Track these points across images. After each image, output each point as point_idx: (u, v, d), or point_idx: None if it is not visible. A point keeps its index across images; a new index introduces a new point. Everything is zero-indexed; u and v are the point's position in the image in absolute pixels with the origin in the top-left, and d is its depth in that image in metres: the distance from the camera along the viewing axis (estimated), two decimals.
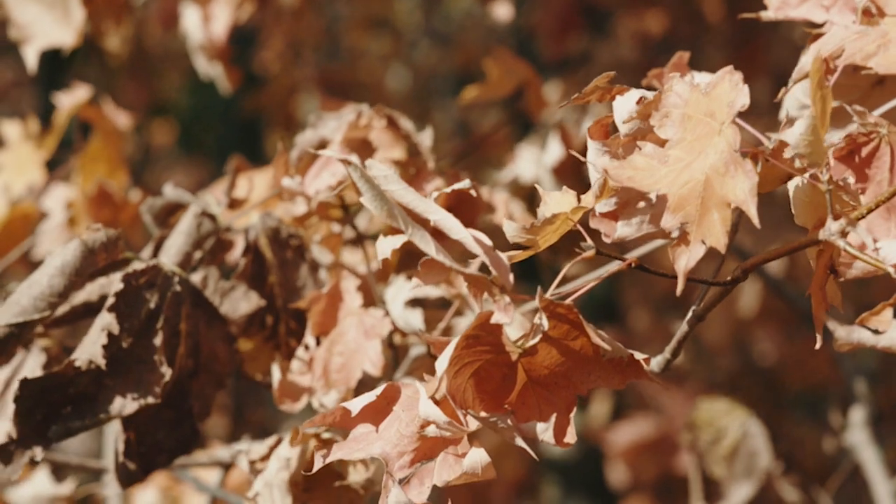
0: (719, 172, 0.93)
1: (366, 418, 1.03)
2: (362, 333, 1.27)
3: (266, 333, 1.32)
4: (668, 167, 0.97)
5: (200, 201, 1.33)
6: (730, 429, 1.99)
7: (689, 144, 0.97)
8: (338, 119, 1.34)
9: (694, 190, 0.94)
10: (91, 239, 1.19)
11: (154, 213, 1.35)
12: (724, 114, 0.96)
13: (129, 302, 1.19)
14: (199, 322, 1.24)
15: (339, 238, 1.39)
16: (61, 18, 1.71)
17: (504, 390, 1.00)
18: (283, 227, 1.32)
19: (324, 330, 1.29)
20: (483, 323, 0.97)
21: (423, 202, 1.00)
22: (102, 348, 1.16)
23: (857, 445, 1.98)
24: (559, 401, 1.00)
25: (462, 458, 1.00)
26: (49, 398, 1.16)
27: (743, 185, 0.91)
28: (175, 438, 1.25)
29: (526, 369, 1.00)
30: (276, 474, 1.22)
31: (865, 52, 1.04)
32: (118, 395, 1.17)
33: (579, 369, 1.00)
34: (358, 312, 1.28)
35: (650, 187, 0.97)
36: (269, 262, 1.31)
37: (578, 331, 0.98)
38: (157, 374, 1.18)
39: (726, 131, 0.95)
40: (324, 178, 1.31)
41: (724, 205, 0.92)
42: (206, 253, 1.30)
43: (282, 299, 1.32)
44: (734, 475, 1.98)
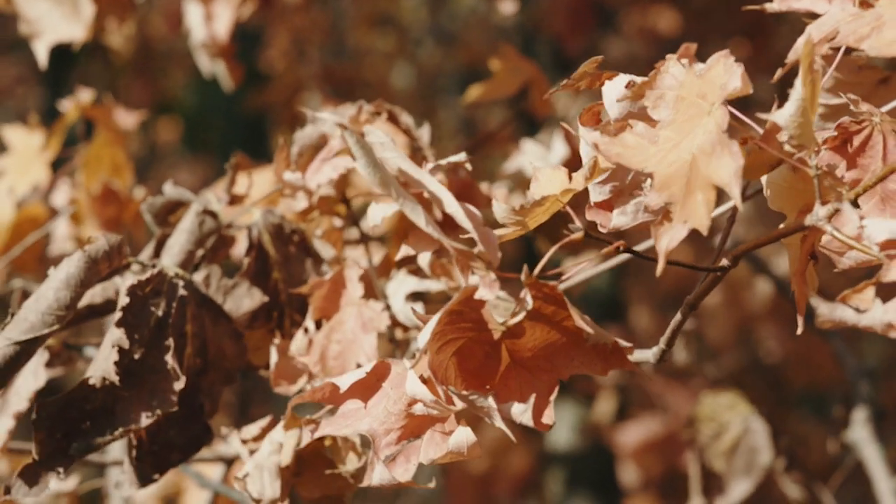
0: (706, 153, 0.92)
1: (354, 395, 1.03)
2: (360, 325, 1.28)
3: (271, 326, 1.33)
4: (657, 147, 0.96)
5: (201, 199, 1.34)
6: (731, 424, 1.99)
7: (679, 125, 0.97)
8: (338, 115, 1.35)
9: (680, 170, 0.94)
10: (93, 249, 1.19)
11: (154, 212, 1.35)
12: (716, 95, 0.95)
13: (136, 314, 1.20)
14: (205, 321, 1.24)
15: (340, 232, 1.39)
16: (71, 14, 1.71)
17: (486, 369, 1.00)
18: (285, 222, 1.33)
19: (325, 314, 1.29)
20: (467, 298, 0.97)
21: (418, 172, 1.00)
22: (115, 364, 1.17)
23: (859, 443, 1.99)
24: (540, 383, 1.00)
25: (448, 437, 1.00)
26: (67, 416, 1.17)
27: (728, 166, 0.91)
28: (187, 436, 1.25)
29: (509, 350, 1.00)
30: (268, 457, 1.22)
31: (859, 34, 1.04)
32: (135, 406, 1.18)
33: (562, 353, 1.00)
34: (358, 303, 1.28)
35: (639, 165, 0.96)
36: (272, 259, 1.32)
37: (563, 313, 0.98)
38: (170, 382, 1.19)
39: (715, 112, 0.94)
40: (325, 172, 1.32)
41: (709, 186, 0.91)
42: (209, 251, 1.31)
43: (286, 294, 1.32)
44: (734, 471, 1.99)
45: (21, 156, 1.77)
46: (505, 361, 1.00)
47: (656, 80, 1.00)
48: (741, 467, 1.99)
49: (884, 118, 1.03)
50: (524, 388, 1.00)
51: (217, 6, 1.94)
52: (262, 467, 1.23)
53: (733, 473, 2.00)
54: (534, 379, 1.00)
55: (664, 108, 0.99)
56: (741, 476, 1.99)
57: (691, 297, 1.06)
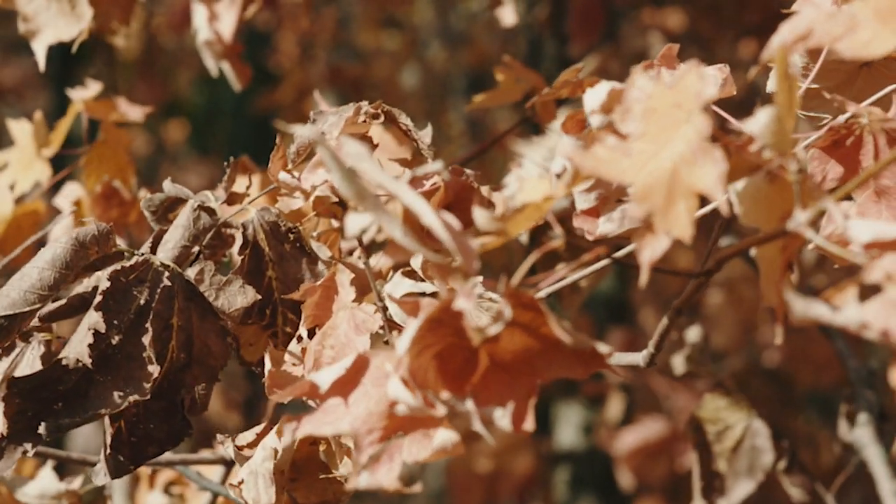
0: (687, 161, 0.92)
1: (335, 392, 1.02)
2: (353, 328, 1.27)
3: (264, 323, 1.33)
4: (632, 159, 0.95)
5: (198, 196, 1.34)
6: (733, 425, 1.99)
7: (653, 136, 0.96)
8: (336, 114, 1.35)
9: (660, 179, 0.93)
10: (82, 233, 1.20)
11: (153, 209, 1.35)
12: (692, 103, 0.95)
13: (117, 299, 1.20)
14: (192, 316, 1.25)
15: (337, 232, 1.39)
16: (69, 12, 1.71)
17: (466, 374, 1.00)
18: (281, 221, 1.33)
19: (317, 322, 1.29)
20: (446, 307, 0.97)
21: (393, 183, 1.00)
22: (88, 347, 1.17)
23: (862, 444, 1.98)
24: (520, 387, 1.00)
25: (432, 436, 1.00)
26: (40, 395, 1.17)
27: (711, 173, 0.90)
28: (166, 430, 1.25)
29: (489, 354, 1.00)
30: (262, 464, 1.23)
31: (833, 34, 1.02)
32: (108, 391, 1.18)
33: (542, 357, 1.00)
34: (350, 307, 1.28)
35: (615, 177, 0.96)
36: (267, 256, 1.32)
37: (542, 320, 0.98)
38: (146, 371, 1.19)
39: (695, 119, 0.94)
40: (320, 173, 1.32)
41: (691, 194, 0.91)
42: (205, 247, 1.31)
43: (279, 293, 1.33)
44: (736, 472, 1.98)
45: (24, 151, 1.78)
46: (484, 366, 1.00)
47: (622, 94, 0.99)
48: (743, 468, 1.99)
49: (872, 118, 1.02)
50: (504, 391, 0.99)
51: (220, 6, 1.94)
52: (256, 474, 1.24)
53: (735, 474, 1.99)
54: (514, 383, 1.00)
55: (632, 121, 0.98)
56: (743, 477, 1.99)
57: (677, 301, 1.06)
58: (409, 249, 0.98)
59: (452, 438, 0.99)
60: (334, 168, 0.96)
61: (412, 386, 0.97)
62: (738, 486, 2.00)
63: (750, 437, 1.99)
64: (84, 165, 1.79)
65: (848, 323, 0.88)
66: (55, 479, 1.73)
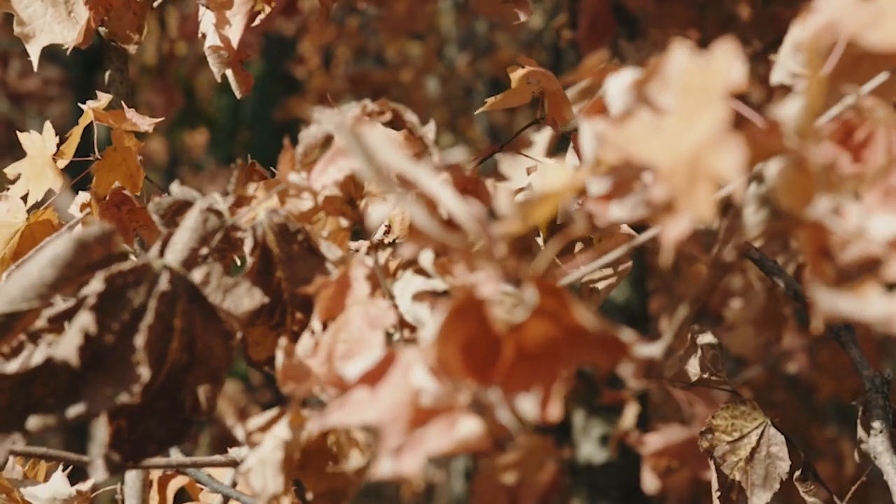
0: (708, 145, 0.92)
1: (362, 383, 1.02)
2: (367, 323, 1.27)
3: (273, 323, 1.33)
4: (661, 136, 0.95)
5: (207, 198, 1.34)
6: (748, 434, 1.98)
7: (683, 115, 0.96)
8: (342, 114, 1.35)
9: (683, 162, 0.93)
10: (85, 232, 1.20)
11: (162, 213, 1.35)
12: (718, 87, 0.94)
13: (112, 300, 1.20)
14: (195, 318, 1.25)
15: (346, 233, 1.39)
16: (65, 17, 1.72)
17: (491, 363, 0.99)
18: (290, 222, 1.33)
19: (331, 315, 1.29)
20: (470, 296, 0.97)
21: (416, 169, 1.00)
22: (77, 348, 1.17)
23: (877, 453, 1.97)
24: (545, 375, 0.99)
25: (456, 426, 1.00)
26: (31, 390, 1.17)
27: (730, 159, 0.90)
28: (166, 429, 1.25)
29: (514, 344, 0.99)
30: (271, 452, 1.22)
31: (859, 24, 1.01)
32: (99, 391, 1.18)
33: (566, 345, 0.99)
34: (364, 302, 1.28)
35: (643, 155, 0.95)
36: (276, 258, 1.32)
37: (566, 307, 0.97)
38: (137, 373, 1.19)
39: (718, 104, 0.93)
40: (329, 173, 1.32)
41: (712, 178, 0.91)
42: (215, 250, 1.31)
43: (289, 293, 1.33)
44: (752, 480, 1.98)
45: (36, 161, 1.78)
46: (510, 356, 0.99)
47: (663, 64, 0.99)
48: (760, 477, 1.98)
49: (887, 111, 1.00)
50: (529, 380, 0.99)
51: (229, 12, 1.94)
52: (264, 462, 1.24)
53: (752, 483, 1.99)
54: (538, 371, 0.99)
55: (669, 95, 0.98)
56: (760, 486, 1.98)
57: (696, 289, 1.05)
58: (432, 234, 0.98)
59: (477, 429, 0.99)
60: (357, 153, 0.96)
61: (438, 376, 0.97)
62: (755, 496, 1.99)
63: (765, 444, 1.99)
64: (94, 173, 1.79)
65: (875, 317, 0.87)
66: (66, 482, 1.74)
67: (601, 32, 3.42)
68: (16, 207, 1.78)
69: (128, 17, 1.88)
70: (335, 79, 4.94)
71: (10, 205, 1.78)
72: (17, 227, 1.78)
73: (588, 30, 3.41)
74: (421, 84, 5.22)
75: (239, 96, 2.04)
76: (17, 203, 1.78)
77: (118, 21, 1.87)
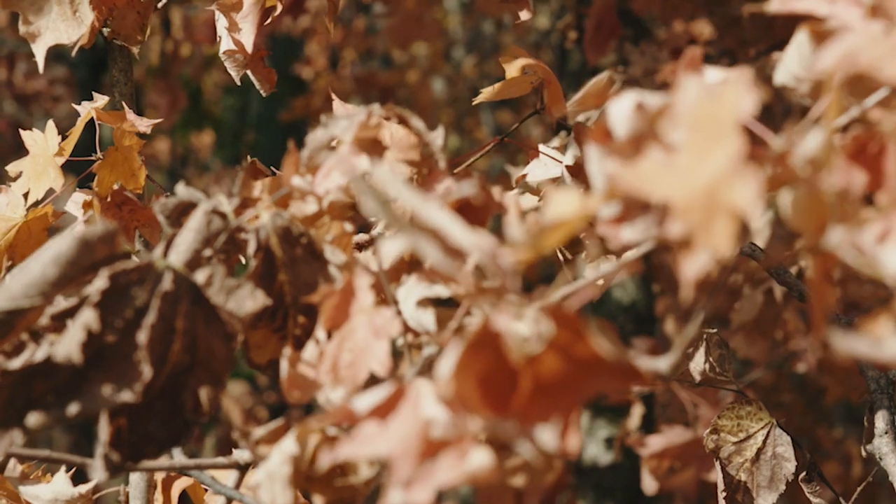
0: (724, 178, 0.91)
1: (372, 417, 1.03)
2: (372, 333, 1.27)
3: (275, 326, 1.33)
4: (675, 173, 0.95)
5: (211, 200, 1.34)
6: (754, 434, 1.98)
7: (695, 149, 0.95)
8: (348, 118, 1.35)
9: (699, 196, 0.92)
10: (88, 232, 1.19)
11: (167, 213, 1.35)
12: (730, 119, 0.94)
13: (115, 298, 1.20)
14: (198, 320, 1.24)
15: (350, 237, 1.39)
16: (70, 16, 1.72)
17: (508, 395, 0.99)
18: (293, 225, 1.33)
19: (335, 324, 1.29)
20: (486, 329, 0.96)
21: (425, 205, 0.99)
22: (80, 344, 1.17)
23: (882, 454, 1.97)
24: (564, 405, 0.98)
25: (466, 458, 0.99)
26: (32, 387, 1.17)
27: (747, 190, 0.90)
28: (167, 430, 1.25)
29: (531, 375, 0.99)
30: (280, 467, 1.22)
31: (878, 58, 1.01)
32: (100, 389, 1.18)
33: (584, 374, 0.99)
34: (369, 311, 1.28)
35: (657, 194, 0.95)
36: (279, 260, 1.32)
37: (583, 337, 0.97)
38: (139, 372, 1.19)
39: (731, 137, 0.93)
40: (334, 177, 1.32)
41: (730, 211, 0.90)
42: (217, 251, 1.31)
43: (291, 297, 1.32)
44: (758, 481, 1.97)
45: (38, 160, 1.78)
46: (527, 386, 0.98)
47: (673, 100, 0.99)
48: (765, 478, 1.98)
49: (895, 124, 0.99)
50: (548, 411, 0.98)
51: (239, 15, 1.94)
52: (273, 476, 1.23)
53: (757, 484, 1.98)
54: (557, 402, 0.98)
55: (679, 130, 0.97)
56: (765, 488, 1.98)
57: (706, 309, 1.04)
58: (448, 274, 0.98)
59: (487, 461, 0.98)
60: (366, 196, 0.96)
61: (454, 409, 0.97)
62: (761, 497, 1.99)
63: (771, 445, 1.98)
64: (96, 172, 1.79)
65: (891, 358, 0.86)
66: (69, 483, 1.73)
67: (607, 34, 3.41)
68: (15, 202, 1.78)
69: (131, 17, 1.88)
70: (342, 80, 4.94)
71: (10, 199, 1.79)
72: (14, 221, 1.79)
73: (594, 31, 3.41)
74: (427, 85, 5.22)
75: (264, 94, 2.04)
76: (18, 198, 1.78)
77: (122, 21, 1.87)
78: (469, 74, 5.54)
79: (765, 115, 3.82)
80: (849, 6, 1.07)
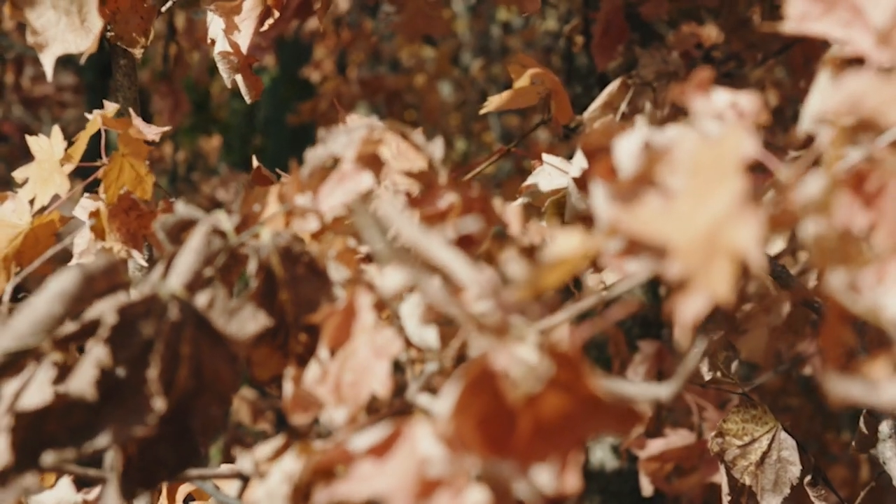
0: (725, 220, 0.91)
1: (369, 456, 1.02)
2: (373, 352, 1.27)
3: (277, 344, 1.33)
4: (674, 217, 0.94)
5: (211, 218, 1.34)
6: (759, 438, 1.98)
7: (695, 194, 0.95)
8: (348, 134, 1.34)
9: (699, 238, 0.92)
10: (91, 267, 1.19)
11: (167, 230, 1.35)
12: (732, 162, 0.93)
13: (125, 332, 1.20)
14: (202, 344, 1.24)
15: (355, 252, 1.39)
16: (78, 26, 1.72)
17: (507, 434, 0.98)
18: (294, 243, 1.32)
19: (338, 343, 1.29)
20: (485, 368, 0.96)
21: (428, 241, 0.99)
22: (94, 382, 1.17)
23: (886, 458, 1.97)
24: (563, 446, 0.98)
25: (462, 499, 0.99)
26: (46, 428, 1.17)
27: (748, 232, 0.89)
28: (177, 455, 1.25)
29: (530, 415, 0.98)
30: (279, 485, 1.22)
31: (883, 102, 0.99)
32: (114, 424, 1.18)
33: (584, 416, 0.98)
34: (370, 330, 1.28)
35: (656, 237, 0.94)
36: (280, 280, 1.32)
37: (582, 378, 0.97)
38: (151, 404, 1.19)
39: (733, 179, 0.92)
40: (336, 195, 1.31)
41: (730, 254, 0.89)
42: (218, 270, 1.31)
43: (293, 315, 1.32)
44: (762, 485, 1.98)
45: (44, 166, 1.79)
46: (526, 427, 0.98)
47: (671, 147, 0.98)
48: (770, 482, 1.98)
49: None
50: (546, 452, 0.97)
51: (238, 17, 1.94)
52: (273, 495, 1.23)
53: (762, 488, 1.98)
54: (556, 443, 0.98)
55: (677, 177, 0.97)
56: (770, 490, 1.98)
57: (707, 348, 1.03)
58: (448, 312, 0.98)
59: (484, 501, 0.98)
60: (370, 234, 0.96)
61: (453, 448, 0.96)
62: (765, 501, 1.99)
63: (776, 449, 1.99)
64: (102, 178, 1.80)
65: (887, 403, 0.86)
66: (72, 489, 1.73)
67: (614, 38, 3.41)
68: (21, 209, 1.78)
69: (134, 21, 1.89)
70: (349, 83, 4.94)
71: (16, 205, 1.79)
72: (20, 228, 1.79)
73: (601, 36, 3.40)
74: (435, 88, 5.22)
75: (249, 101, 2.04)
76: (23, 205, 1.78)
77: (125, 24, 1.88)
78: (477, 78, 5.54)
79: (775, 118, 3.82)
80: (863, 33, 1.06)
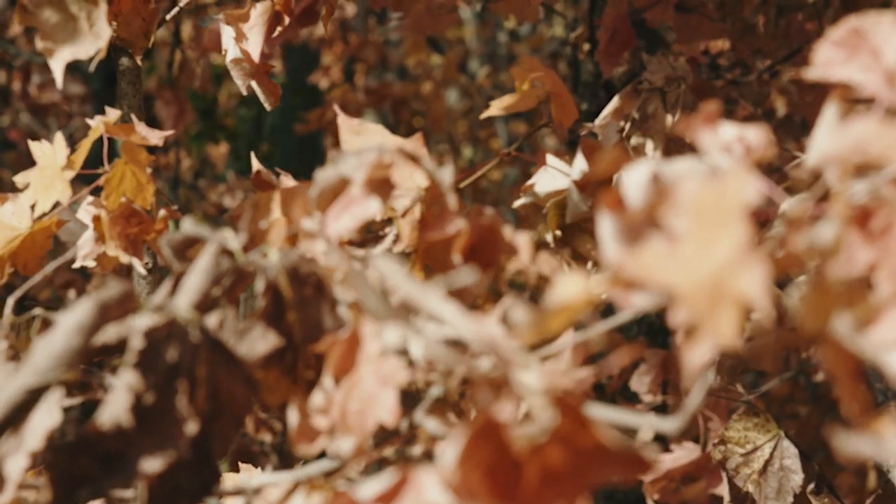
0: (730, 267, 0.90)
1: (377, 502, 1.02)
2: (379, 382, 1.26)
3: (285, 367, 1.32)
4: (679, 262, 0.94)
5: (218, 237, 1.33)
6: (762, 446, 1.98)
7: (700, 238, 0.94)
8: (358, 157, 1.34)
9: (704, 285, 0.91)
10: (105, 296, 1.19)
11: (173, 247, 1.35)
12: (734, 207, 0.93)
13: (151, 357, 1.19)
14: (218, 367, 1.24)
15: None
16: (87, 31, 1.72)
17: (514, 483, 0.98)
18: (302, 263, 1.32)
19: (343, 372, 1.28)
20: (488, 420, 0.96)
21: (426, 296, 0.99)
22: (129, 408, 1.16)
23: (890, 465, 1.97)
24: (571, 494, 0.98)
25: None
26: (79, 462, 1.16)
27: (753, 279, 0.88)
28: (197, 481, 1.24)
29: (536, 463, 0.98)
30: None
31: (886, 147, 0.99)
32: (147, 451, 1.17)
33: (590, 464, 0.98)
34: (376, 359, 1.27)
35: (661, 283, 0.94)
36: (287, 300, 1.31)
37: (587, 426, 0.96)
38: (181, 429, 1.18)
39: (736, 225, 0.92)
40: (344, 221, 1.31)
41: (736, 301, 0.89)
42: (225, 290, 1.31)
43: (300, 337, 1.31)
44: (765, 493, 1.97)
45: (46, 172, 1.79)
46: (533, 475, 0.98)
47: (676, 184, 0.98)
48: (773, 490, 1.98)
49: None
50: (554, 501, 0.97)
51: (247, 25, 1.95)
52: None
53: (765, 496, 1.98)
54: (563, 491, 0.98)
55: (681, 220, 0.96)
56: (773, 498, 1.97)
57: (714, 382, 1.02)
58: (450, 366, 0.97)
59: None
60: (365, 294, 0.96)
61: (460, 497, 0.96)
62: None
63: (779, 457, 1.98)
64: (104, 185, 1.80)
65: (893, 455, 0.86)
66: None
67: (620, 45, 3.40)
68: (21, 212, 1.79)
69: (136, 23, 1.89)
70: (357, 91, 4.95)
71: (16, 208, 1.79)
72: (19, 231, 1.79)
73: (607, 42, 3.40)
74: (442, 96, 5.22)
75: (268, 108, 2.04)
76: (24, 209, 1.78)
77: (126, 26, 1.88)
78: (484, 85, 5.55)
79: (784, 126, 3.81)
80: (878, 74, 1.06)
